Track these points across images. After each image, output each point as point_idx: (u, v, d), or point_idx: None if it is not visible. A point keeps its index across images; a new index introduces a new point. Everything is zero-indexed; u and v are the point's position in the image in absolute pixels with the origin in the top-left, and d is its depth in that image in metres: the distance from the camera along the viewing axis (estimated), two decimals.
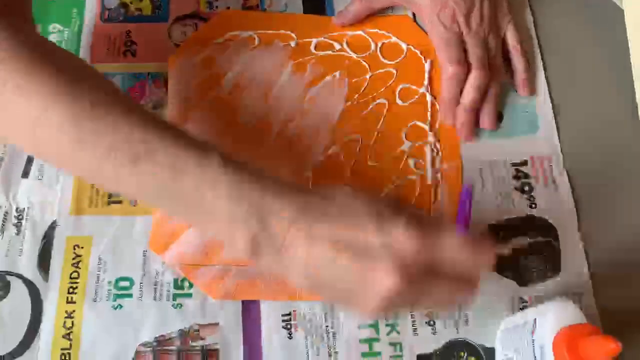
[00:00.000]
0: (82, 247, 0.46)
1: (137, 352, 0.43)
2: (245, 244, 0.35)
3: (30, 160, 0.48)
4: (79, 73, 0.37)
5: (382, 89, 0.52)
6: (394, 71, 0.53)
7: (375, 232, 0.34)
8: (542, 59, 0.55)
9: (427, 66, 0.53)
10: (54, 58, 0.37)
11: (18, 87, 0.35)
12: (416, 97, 0.52)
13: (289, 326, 0.45)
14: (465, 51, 0.51)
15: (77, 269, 0.45)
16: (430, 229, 0.34)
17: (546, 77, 0.54)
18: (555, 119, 0.52)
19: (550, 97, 0.53)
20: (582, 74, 0.54)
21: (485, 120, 0.51)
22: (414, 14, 0.56)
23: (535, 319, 0.40)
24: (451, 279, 0.35)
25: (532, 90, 0.54)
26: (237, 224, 0.34)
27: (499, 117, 0.52)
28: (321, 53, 0.53)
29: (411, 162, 0.50)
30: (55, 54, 0.39)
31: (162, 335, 0.44)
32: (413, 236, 0.33)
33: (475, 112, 0.51)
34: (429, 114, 0.52)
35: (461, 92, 0.51)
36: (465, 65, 0.51)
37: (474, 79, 0.51)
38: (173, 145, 0.35)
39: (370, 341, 0.45)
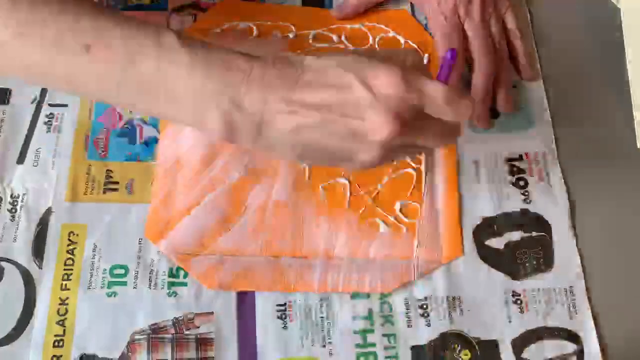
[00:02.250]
0: (77, 234, 0.45)
1: (131, 340, 0.43)
2: (218, 126, 0.33)
3: (26, 146, 0.48)
4: None
5: None
6: None
7: (359, 87, 0.33)
8: (537, 55, 0.55)
9: (424, 60, 0.53)
10: None
11: None
12: None
13: (283, 316, 0.45)
14: (466, 41, 0.52)
15: (72, 256, 0.45)
16: (410, 73, 0.34)
17: (542, 74, 0.55)
18: (551, 114, 0.53)
19: (546, 92, 0.54)
20: (578, 71, 0.55)
21: (503, 104, 0.52)
22: (412, 8, 0.56)
23: None
24: (436, 121, 0.35)
25: (535, 75, 0.54)
26: (205, 104, 0.33)
27: (495, 114, 0.53)
28: (319, 45, 0.53)
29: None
30: None
31: (156, 324, 0.44)
32: (396, 82, 0.33)
33: (489, 100, 0.52)
34: None
35: (460, 83, 0.51)
36: (464, 57, 0.51)
37: (482, 67, 0.51)
38: (126, 28, 0.33)
39: (364, 332, 0.45)
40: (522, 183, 0.50)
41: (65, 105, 0.49)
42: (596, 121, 0.53)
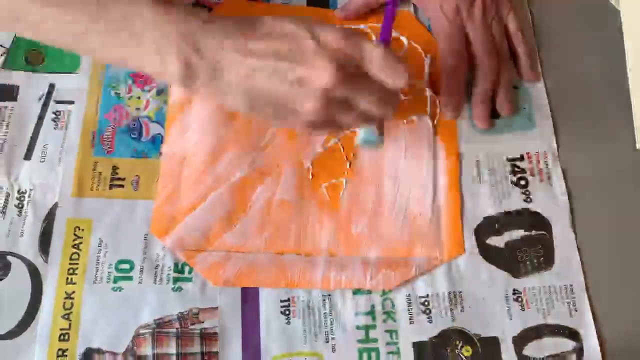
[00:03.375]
0: (83, 230, 0.46)
1: (136, 334, 0.43)
2: (178, 69, 0.36)
3: (33, 143, 0.48)
4: None
5: None
6: None
7: (308, 39, 0.36)
8: (538, 56, 0.56)
9: (427, 61, 0.54)
10: None
11: None
12: (416, 92, 0.53)
13: (287, 312, 0.45)
14: (468, 43, 0.52)
15: (78, 251, 0.45)
16: (354, 34, 0.37)
17: (543, 75, 0.55)
18: (552, 115, 0.53)
19: (547, 93, 0.54)
20: (579, 71, 0.55)
21: (503, 107, 0.52)
22: (415, 9, 0.57)
23: None
24: (376, 84, 0.38)
25: (537, 76, 0.55)
26: (167, 49, 0.36)
27: (496, 114, 0.53)
28: None
29: None
30: None
31: (161, 318, 0.44)
32: (343, 37, 0.37)
33: (490, 101, 0.52)
34: (428, 108, 0.52)
35: (462, 84, 0.52)
36: (466, 58, 0.52)
37: (483, 68, 0.52)
38: None
39: (366, 328, 0.45)
40: (523, 182, 0.51)
41: (72, 102, 0.50)
42: (597, 121, 0.54)
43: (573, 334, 0.46)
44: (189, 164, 0.48)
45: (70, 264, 0.45)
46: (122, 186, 0.48)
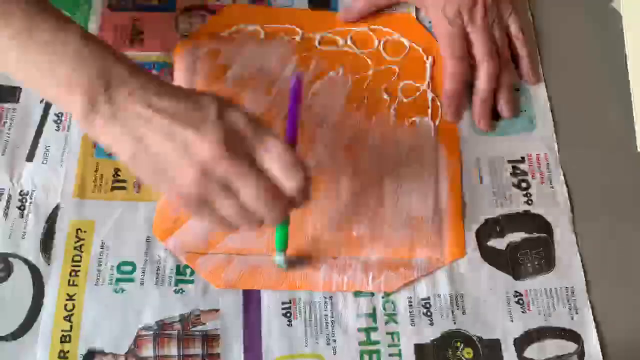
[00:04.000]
0: (85, 231, 0.46)
1: (138, 336, 0.43)
2: (84, 101, 0.36)
3: (35, 144, 0.48)
4: None
5: (385, 85, 0.53)
6: (396, 68, 0.54)
7: (212, 110, 0.36)
8: (540, 58, 0.56)
9: (428, 63, 0.54)
10: None
11: None
12: (417, 93, 0.53)
13: (288, 314, 0.45)
14: (470, 45, 0.53)
15: (80, 253, 0.45)
16: (263, 126, 0.37)
17: (544, 77, 0.55)
18: (553, 117, 0.53)
19: (548, 95, 0.54)
20: (580, 74, 0.56)
21: (504, 109, 0.53)
22: (416, 11, 0.57)
23: None
24: (263, 180, 0.36)
25: (538, 78, 0.55)
26: (77, 87, 0.36)
27: (497, 116, 0.53)
28: (325, 48, 0.54)
29: None
30: None
31: (162, 320, 0.44)
32: (248, 121, 0.36)
33: (491, 103, 0.52)
34: (429, 110, 0.53)
35: (464, 87, 0.52)
36: (468, 61, 0.52)
37: (485, 69, 0.52)
38: (34, 14, 0.37)
39: (368, 330, 0.45)
40: (524, 185, 0.51)
41: None
42: (598, 124, 0.54)
43: (574, 336, 0.46)
44: None
45: (72, 265, 0.45)
46: (124, 188, 0.48)
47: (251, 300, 0.45)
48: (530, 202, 0.50)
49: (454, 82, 0.52)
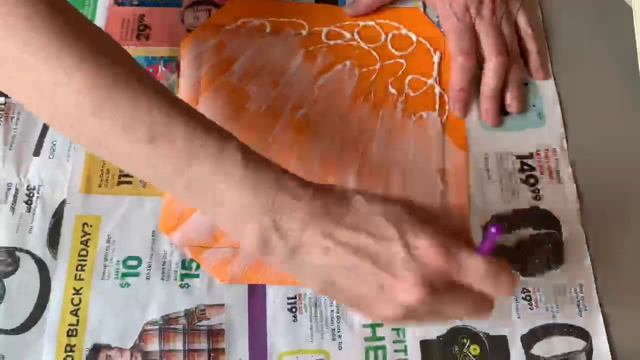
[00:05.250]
0: (91, 226, 0.46)
1: (144, 331, 0.43)
2: (255, 240, 0.34)
3: (42, 139, 0.49)
4: (105, 45, 0.37)
5: (392, 80, 0.53)
6: (403, 62, 0.54)
7: (398, 244, 0.33)
8: (549, 52, 0.56)
9: (436, 58, 0.54)
10: (82, 25, 0.37)
11: (42, 48, 0.34)
12: (425, 88, 0.53)
13: (294, 309, 0.45)
14: (478, 41, 0.52)
15: (86, 247, 0.46)
16: (452, 244, 0.34)
17: (553, 71, 0.55)
18: (562, 112, 0.53)
19: (557, 90, 0.54)
20: (589, 69, 0.55)
21: (512, 104, 0.52)
22: (424, 6, 0.56)
23: None
24: (469, 294, 0.34)
25: (547, 74, 0.54)
26: (247, 217, 0.34)
27: (505, 112, 0.53)
28: (332, 42, 0.54)
29: None
30: (82, 21, 0.38)
31: (168, 315, 0.44)
32: (436, 252, 0.33)
33: (499, 98, 0.52)
34: (437, 105, 0.52)
35: (471, 82, 0.52)
36: (475, 57, 0.52)
37: (493, 65, 0.51)
38: (193, 130, 0.35)
39: (373, 326, 0.45)
40: (532, 180, 0.50)
41: None
42: (607, 119, 0.53)
43: (582, 334, 0.46)
44: None
45: (78, 260, 0.45)
46: (130, 183, 0.48)
47: (256, 295, 0.45)
48: (538, 197, 0.50)
49: (462, 78, 0.52)
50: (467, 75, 0.52)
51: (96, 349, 0.43)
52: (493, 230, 0.35)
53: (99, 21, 0.53)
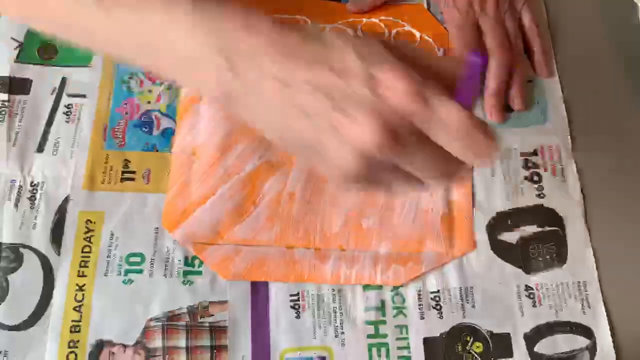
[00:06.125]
0: (94, 222, 0.46)
1: (147, 327, 0.44)
2: (213, 85, 0.31)
3: (45, 136, 0.49)
4: None
5: None
6: None
7: (360, 80, 0.29)
8: (553, 49, 0.55)
9: (439, 55, 0.53)
10: None
11: None
12: None
13: (297, 306, 0.45)
14: (481, 37, 0.52)
15: (89, 244, 0.46)
16: (427, 85, 0.29)
17: (558, 68, 0.54)
18: (566, 109, 0.53)
19: (561, 87, 0.54)
20: (594, 65, 0.55)
21: (515, 101, 0.52)
22: (427, 2, 0.56)
23: None
24: (439, 151, 0.30)
25: (551, 72, 0.54)
26: (201, 62, 0.31)
27: (509, 108, 0.53)
28: None
29: None
30: None
31: (171, 311, 0.44)
32: (406, 91, 0.28)
33: (503, 95, 0.51)
34: None
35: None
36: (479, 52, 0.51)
37: (496, 61, 0.51)
38: None
39: (376, 323, 0.45)
40: (536, 178, 0.50)
41: (84, 96, 0.50)
42: (611, 116, 0.53)
43: (586, 331, 0.45)
44: (200, 157, 0.48)
45: (81, 256, 0.45)
46: (133, 179, 0.48)
47: (259, 292, 0.45)
48: (542, 195, 0.49)
49: None
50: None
51: (99, 345, 0.43)
52: (474, 57, 0.28)
53: None
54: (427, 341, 0.45)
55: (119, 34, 0.34)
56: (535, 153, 0.51)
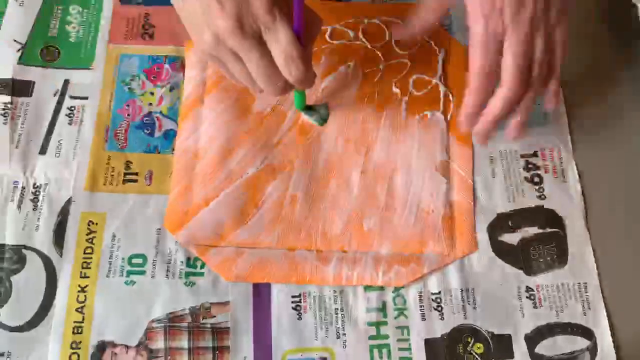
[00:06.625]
0: (97, 224, 0.46)
1: (149, 328, 0.44)
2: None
3: (48, 138, 0.49)
4: None
5: (396, 79, 0.53)
6: (407, 61, 0.53)
7: None
8: None
9: (440, 56, 0.54)
10: None
11: None
12: (429, 87, 0.53)
13: (298, 307, 0.45)
14: (502, 52, 0.42)
15: (92, 245, 0.46)
16: (279, 16, 0.38)
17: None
18: (567, 111, 0.53)
19: (562, 89, 0.53)
20: (595, 67, 0.55)
21: (511, 131, 0.45)
22: None
23: None
24: (273, 61, 0.39)
25: (558, 103, 0.46)
26: None
27: None
28: (336, 42, 0.54)
29: None
30: None
31: (173, 312, 0.44)
32: (265, 9, 0.37)
33: (498, 125, 0.44)
34: (441, 104, 0.52)
35: (485, 102, 0.44)
36: (495, 77, 0.43)
37: (504, 93, 0.42)
38: None
39: (378, 324, 0.45)
40: (537, 179, 0.50)
41: (86, 98, 0.50)
42: (612, 117, 0.53)
43: (587, 332, 0.46)
44: (202, 160, 0.48)
45: (84, 257, 0.45)
46: (135, 181, 0.48)
47: (261, 294, 0.45)
48: (543, 196, 0.50)
49: (476, 99, 0.44)
50: (482, 97, 0.43)
51: (102, 346, 0.43)
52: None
53: (105, 19, 0.53)
54: (428, 342, 0.45)
55: None
56: (535, 154, 0.51)
